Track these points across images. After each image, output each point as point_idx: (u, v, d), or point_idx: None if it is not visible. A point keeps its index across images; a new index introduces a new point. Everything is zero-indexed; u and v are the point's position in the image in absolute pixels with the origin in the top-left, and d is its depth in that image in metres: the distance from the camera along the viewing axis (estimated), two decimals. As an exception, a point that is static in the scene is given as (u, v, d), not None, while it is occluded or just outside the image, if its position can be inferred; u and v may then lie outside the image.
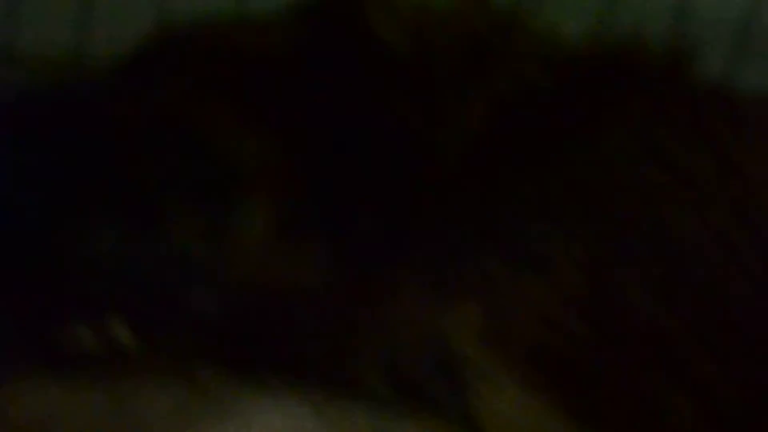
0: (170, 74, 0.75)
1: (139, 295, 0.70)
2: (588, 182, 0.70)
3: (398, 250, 0.71)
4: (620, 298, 0.65)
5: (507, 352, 0.65)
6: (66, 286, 0.70)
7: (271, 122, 0.74)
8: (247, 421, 0.63)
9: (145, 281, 0.70)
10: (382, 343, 0.67)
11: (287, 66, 0.75)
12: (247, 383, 0.66)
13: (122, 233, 0.71)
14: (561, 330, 0.65)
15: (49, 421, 0.63)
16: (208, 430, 0.63)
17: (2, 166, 0.82)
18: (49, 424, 0.63)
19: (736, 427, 0.64)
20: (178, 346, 0.68)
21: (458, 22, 0.78)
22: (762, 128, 0.74)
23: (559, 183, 0.71)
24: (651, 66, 0.77)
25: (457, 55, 0.76)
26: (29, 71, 1.05)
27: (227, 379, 0.66)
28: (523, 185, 0.71)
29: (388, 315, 0.68)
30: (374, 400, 0.65)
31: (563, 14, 0.82)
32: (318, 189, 0.73)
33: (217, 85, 0.74)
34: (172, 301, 0.70)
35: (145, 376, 0.66)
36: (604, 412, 0.65)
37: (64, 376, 0.66)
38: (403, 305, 0.68)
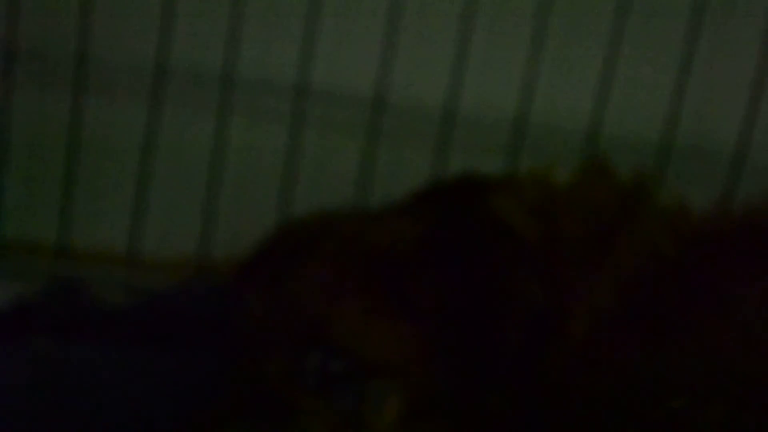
0: (297, 267, 0.76)
1: None
2: (723, 348, 0.69)
3: (529, 427, 0.71)
4: None
5: None
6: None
7: (400, 310, 0.74)
8: None
9: None
10: None
11: (414, 255, 0.75)
12: None
13: (256, 427, 0.71)
14: None
15: None
16: None
17: (130, 366, 0.83)
18: None
19: None
20: None
21: (584, 199, 0.78)
22: None
23: (692, 351, 0.69)
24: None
25: (585, 232, 0.76)
26: (152, 274, 1.07)
27: None
28: (656, 356, 0.70)
29: None
30: None
31: (688, 183, 0.81)
32: (448, 372, 0.73)
33: (344, 277, 0.75)
34: None
35: None
36: None
37: None
38: None
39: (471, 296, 0.74)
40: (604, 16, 1.06)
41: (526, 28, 1.06)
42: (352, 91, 1.06)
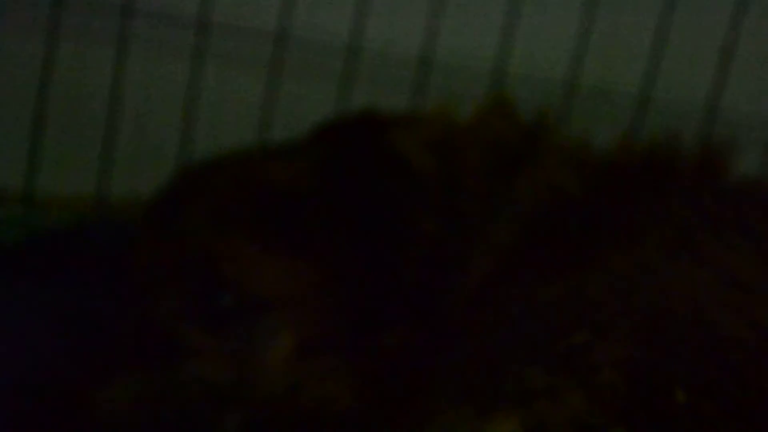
0: (192, 208, 0.75)
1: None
2: (625, 283, 0.68)
3: (428, 364, 0.70)
4: (660, 394, 0.62)
5: None
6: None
7: (293, 246, 0.73)
8: None
9: (176, 418, 0.70)
10: None
11: (312, 192, 0.74)
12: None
13: (145, 374, 0.70)
14: None
15: None
16: None
17: (23, 309, 0.81)
18: None
19: None
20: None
21: (485, 135, 0.77)
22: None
23: (596, 286, 0.68)
24: (685, 167, 0.76)
25: (485, 168, 0.75)
26: (48, 212, 1.05)
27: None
28: (559, 291, 0.69)
29: (421, 428, 0.65)
30: None
31: (591, 120, 0.81)
32: (342, 308, 0.73)
33: (239, 216, 0.73)
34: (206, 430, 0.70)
35: None
36: None
37: None
38: (437, 417, 0.65)
39: (366, 231, 0.73)
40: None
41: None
42: (255, 24, 1.04)
